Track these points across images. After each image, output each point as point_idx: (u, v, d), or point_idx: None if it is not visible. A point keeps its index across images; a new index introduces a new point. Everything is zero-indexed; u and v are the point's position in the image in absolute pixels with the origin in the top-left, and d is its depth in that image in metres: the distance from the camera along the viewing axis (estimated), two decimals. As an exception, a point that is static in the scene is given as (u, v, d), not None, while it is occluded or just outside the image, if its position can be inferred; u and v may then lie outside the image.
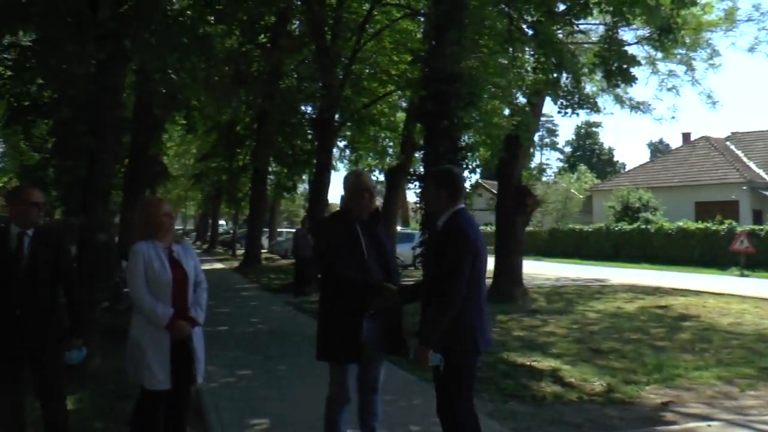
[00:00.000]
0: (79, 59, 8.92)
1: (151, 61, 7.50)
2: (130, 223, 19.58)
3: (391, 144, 24.39)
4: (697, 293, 15.92)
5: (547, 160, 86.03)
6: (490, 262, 15.26)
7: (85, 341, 4.67)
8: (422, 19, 16.46)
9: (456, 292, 3.73)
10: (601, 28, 14.27)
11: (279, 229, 44.61)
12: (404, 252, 25.26)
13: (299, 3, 18.71)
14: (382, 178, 25.81)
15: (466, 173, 10.74)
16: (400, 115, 24.17)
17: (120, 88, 7.87)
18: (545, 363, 8.16)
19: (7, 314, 4.22)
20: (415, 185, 11.79)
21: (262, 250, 29.17)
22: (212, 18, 11.46)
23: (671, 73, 18.61)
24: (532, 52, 12.64)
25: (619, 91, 17.59)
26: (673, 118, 44.27)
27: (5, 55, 10.18)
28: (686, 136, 45.08)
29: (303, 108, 23.58)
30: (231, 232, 44.83)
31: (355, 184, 4.49)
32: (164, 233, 4.40)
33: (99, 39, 7.44)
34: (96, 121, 7.73)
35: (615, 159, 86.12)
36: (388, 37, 20.01)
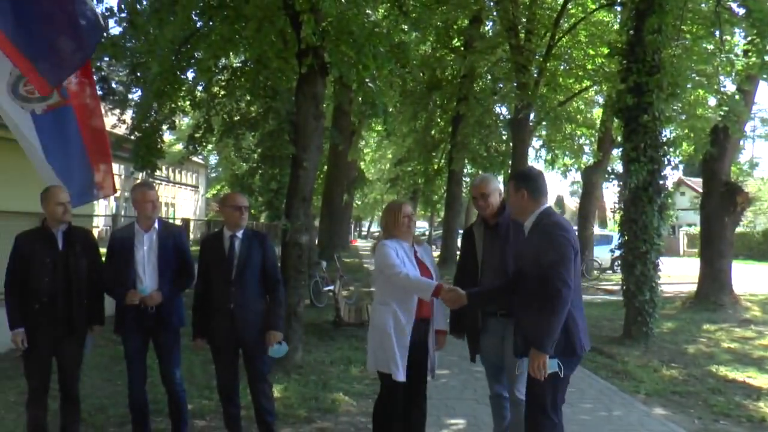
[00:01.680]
0: (283, 74, 9.66)
1: (349, 72, 7.84)
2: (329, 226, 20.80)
3: (588, 142, 23.62)
4: None
5: (761, 153, 77.97)
6: (696, 266, 14.25)
7: (285, 337, 5.03)
8: (619, 8, 15.70)
9: (567, 289, 3.54)
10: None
11: (474, 230, 44.67)
12: (602, 255, 24.46)
13: (492, 3, 18.66)
14: (578, 177, 24.92)
15: (668, 170, 10.08)
16: (597, 111, 23.34)
17: (320, 98, 8.31)
18: (762, 380, 7.46)
19: (223, 309, 4.72)
20: (614, 184, 11.23)
21: (457, 252, 29.40)
22: (406, 26, 11.78)
23: None
24: (743, 34, 11.53)
25: None
26: None
27: (219, 77, 11.26)
28: None
29: (498, 109, 23.55)
30: (426, 233, 45.69)
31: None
32: (405, 234, 4.58)
33: (300, 54, 7.95)
34: (298, 131, 8.26)
35: None
36: (583, 31, 19.43)
